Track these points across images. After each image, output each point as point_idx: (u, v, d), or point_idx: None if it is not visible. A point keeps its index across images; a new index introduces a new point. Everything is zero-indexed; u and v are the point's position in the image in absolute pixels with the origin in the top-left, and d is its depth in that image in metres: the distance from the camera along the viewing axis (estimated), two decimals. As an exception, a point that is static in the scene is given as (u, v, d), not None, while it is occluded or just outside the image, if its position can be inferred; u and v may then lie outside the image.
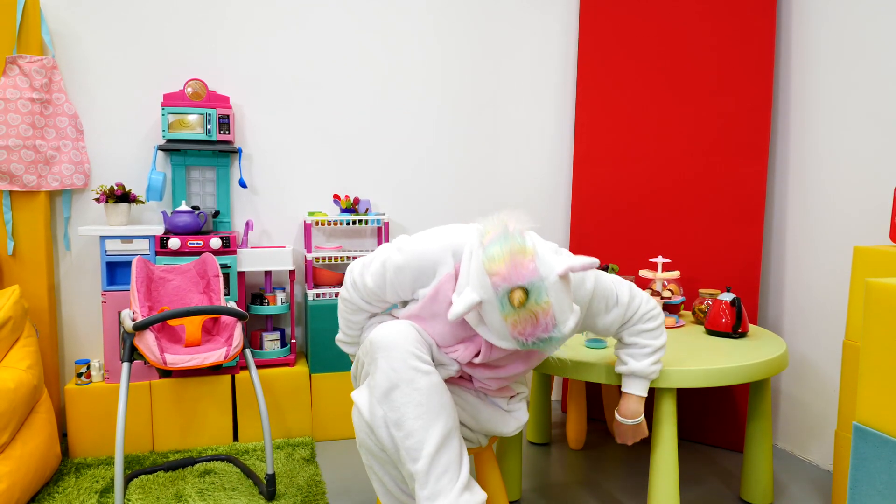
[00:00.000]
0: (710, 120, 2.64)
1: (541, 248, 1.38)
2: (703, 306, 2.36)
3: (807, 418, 2.53)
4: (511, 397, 1.79)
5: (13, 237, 2.47)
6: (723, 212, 2.62)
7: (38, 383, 2.17)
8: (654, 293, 2.35)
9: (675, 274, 2.37)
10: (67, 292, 2.64)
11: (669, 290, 2.39)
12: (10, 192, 2.46)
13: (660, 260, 2.38)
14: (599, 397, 2.93)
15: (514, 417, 1.76)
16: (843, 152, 2.36)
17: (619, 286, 1.71)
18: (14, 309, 2.17)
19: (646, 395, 1.78)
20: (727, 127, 2.61)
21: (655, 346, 1.74)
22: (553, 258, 1.37)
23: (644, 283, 2.72)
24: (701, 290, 2.41)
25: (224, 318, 2.30)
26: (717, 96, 2.62)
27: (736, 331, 2.14)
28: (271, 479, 2.12)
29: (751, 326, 2.35)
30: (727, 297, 2.18)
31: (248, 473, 2.28)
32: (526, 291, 1.32)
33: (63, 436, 2.58)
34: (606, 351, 1.96)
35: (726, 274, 2.61)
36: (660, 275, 2.35)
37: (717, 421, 2.64)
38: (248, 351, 2.18)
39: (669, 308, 2.45)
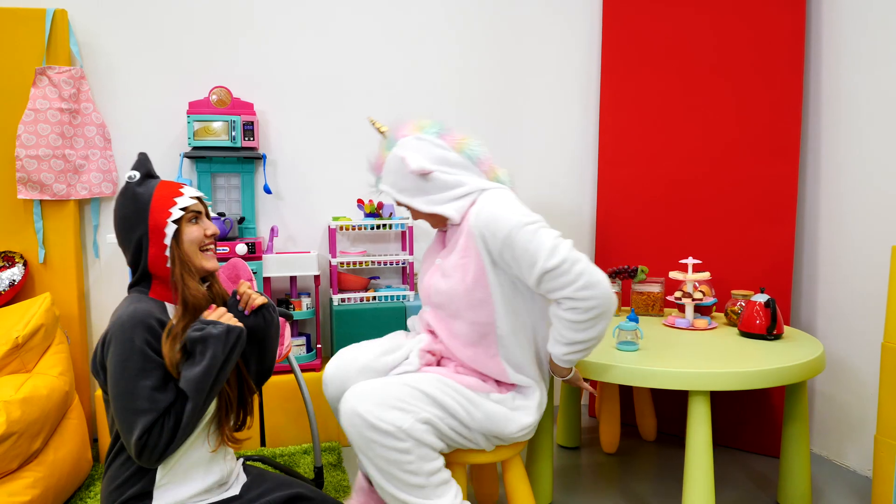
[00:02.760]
0: (739, 118, 2.59)
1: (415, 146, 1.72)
2: (735, 308, 2.31)
3: (843, 422, 2.46)
4: (515, 391, 1.71)
5: (44, 245, 2.50)
6: (753, 211, 2.57)
7: (69, 389, 2.19)
8: (686, 294, 2.30)
9: (706, 275, 2.33)
10: (97, 299, 2.67)
11: (701, 291, 2.35)
12: (41, 200, 2.50)
13: (690, 261, 2.33)
14: (632, 401, 2.89)
15: (517, 418, 1.66)
16: (878, 150, 2.29)
17: (545, 247, 1.52)
18: (45, 316, 2.19)
19: (569, 367, 1.69)
20: (756, 125, 2.55)
21: (571, 339, 1.59)
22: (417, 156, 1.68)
23: (675, 285, 2.68)
24: (733, 292, 2.36)
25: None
26: (746, 94, 2.57)
27: (770, 332, 2.09)
28: (319, 471, 2.16)
29: (785, 328, 2.30)
30: (761, 298, 2.12)
31: (286, 471, 2.29)
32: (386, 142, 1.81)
33: (94, 441, 2.60)
34: (636, 354, 1.92)
35: (757, 274, 2.55)
36: (690, 276, 2.30)
37: (751, 425, 2.58)
38: (291, 355, 2.20)
39: (701, 310, 2.41)
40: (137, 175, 1.47)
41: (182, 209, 1.45)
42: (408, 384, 1.60)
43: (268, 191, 2.69)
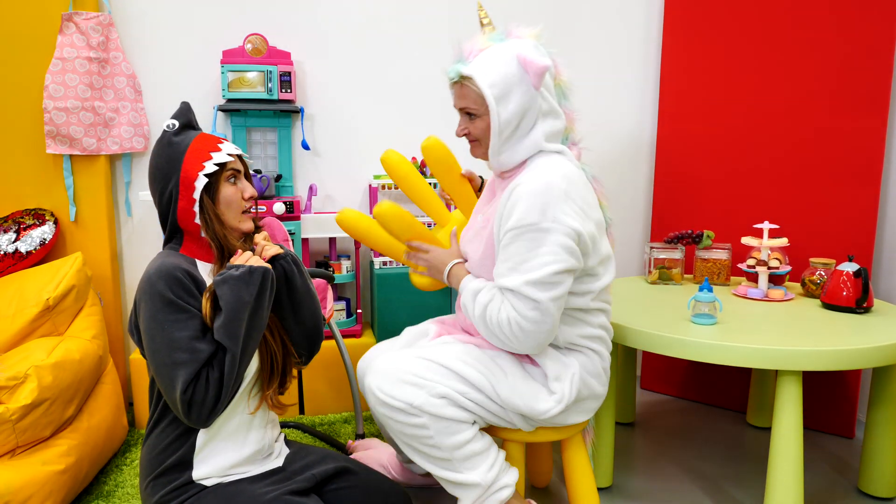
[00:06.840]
0: (820, 67, 2.33)
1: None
2: (814, 277, 2.11)
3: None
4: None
5: (75, 203, 2.40)
6: (832, 171, 2.34)
7: (103, 353, 2.09)
8: (760, 262, 2.10)
9: (783, 241, 2.12)
10: (130, 259, 2.57)
11: (776, 258, 2.14)
12: (71, 156, 2.38)
13: (766, 226, 2.12)
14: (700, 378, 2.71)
15: (552, 395, 1.48)
16: None
17: (536, 258, 1.37)
18: (77, 277, 2.09)
19: (446, 278, 1.60)
20: (840, 76, 2.30)
21: (472, 314, 1.47)
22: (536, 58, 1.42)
23: (746, 251, 2.47)
24: (812, 259, 2.15)
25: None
26: (828, 39, 2.31)
27: (860, 305, 1.89)
28: (361, 438, 2.13)
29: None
30: (850, 267, 1.92)
31: (324, 438, 2.21)
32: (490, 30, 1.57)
33: (129, 405, 2.53)
34: (714, 328, 1.74)
35: (834, 240, 2.34)
36: (766, 242, 2.10)
37: (823, 403, 2.40)
38: (332, 321, 2.12)
39: (774, 279, 2.21)
40: (176, 124, 1.40)
41: (217, 165, 1.38)
42: (425, 357, 1.51)
43: (306, 147, 2.53)
